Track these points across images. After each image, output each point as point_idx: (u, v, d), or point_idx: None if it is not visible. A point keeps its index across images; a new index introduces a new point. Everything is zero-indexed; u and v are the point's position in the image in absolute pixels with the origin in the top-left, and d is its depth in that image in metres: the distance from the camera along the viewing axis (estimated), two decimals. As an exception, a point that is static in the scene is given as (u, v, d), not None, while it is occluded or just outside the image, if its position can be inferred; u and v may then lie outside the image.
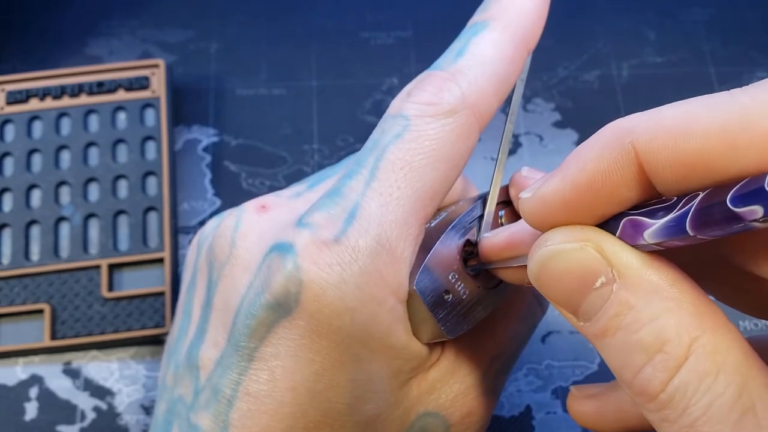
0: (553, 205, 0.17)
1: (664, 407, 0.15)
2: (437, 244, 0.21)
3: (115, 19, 0.41)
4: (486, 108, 0.22)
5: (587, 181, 0.16)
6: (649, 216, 0.15)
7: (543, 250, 0.17)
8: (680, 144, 0.14)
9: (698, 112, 0.14)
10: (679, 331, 0.15)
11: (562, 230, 0.17)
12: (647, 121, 0.15)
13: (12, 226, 0.34)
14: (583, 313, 0.16)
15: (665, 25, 0.42)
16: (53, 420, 0.31)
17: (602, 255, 0.16)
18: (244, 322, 0.21)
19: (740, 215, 0.13)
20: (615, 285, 0.16)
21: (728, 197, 0.13)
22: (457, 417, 0.23)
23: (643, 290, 0.15)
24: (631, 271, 0.16)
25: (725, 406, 0.14)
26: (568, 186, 0.16)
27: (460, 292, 0.21)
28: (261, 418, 0.21)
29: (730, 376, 0.14)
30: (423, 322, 0.21)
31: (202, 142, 0.38)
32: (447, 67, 0.22)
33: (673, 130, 0.14)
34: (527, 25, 0.23)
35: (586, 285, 0.16)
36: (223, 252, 0.23)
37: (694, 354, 0.15)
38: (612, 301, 0.16)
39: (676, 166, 0.14)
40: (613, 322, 0.16)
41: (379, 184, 0.21)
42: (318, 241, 0.20)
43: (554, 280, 0.17)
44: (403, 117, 0.21)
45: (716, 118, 0.13)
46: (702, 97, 0.14)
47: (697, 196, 0.14)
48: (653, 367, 0.15)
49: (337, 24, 0.41)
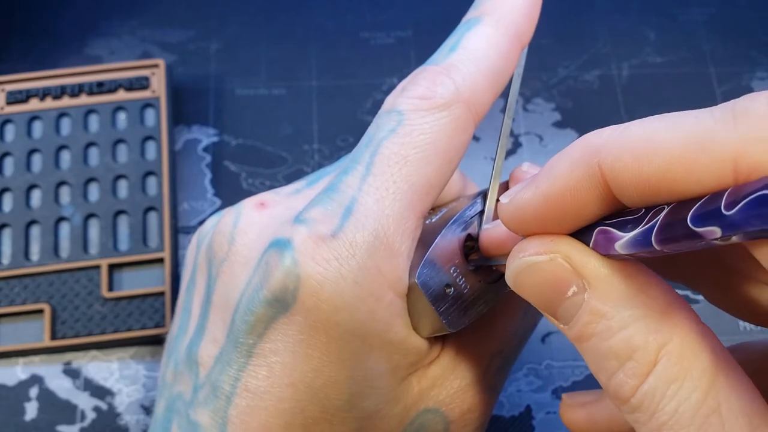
0: (526, 214, 0.17)
1: (636, 410, 0.16)
2: (438, 238, 0.21)
3: (115, 19, 0.41)
4: (480, 102, 0.22)
5: (557, 195, 0.16)
6: (619, 228, 0.15)
7: (516, 262, 0.17)
8: (643, 167, 0.14)
9: (661, 134, 0.14)
10: (647, 339, 0.15)
11: (533, 242, 0.17)
12: (613, 142, 0.15)
13: (12, 226, 0.34)
14: (561, 318, 0.17)
15: (665, 25, 0.42)
16: (53, 420, 0.31)
17: (571, 265, 0.16)
18: (243, 318, 0.21)
19: (700, 234, 0.13)
20: (586, 294, 0.16)
21: (689, 216, 0.13)
22: (456, 413, 0.23)
23: (612, 299, 0.16)
24: (599, 282, 0.16)
25: (691, 409, 0.15)
26: (540, 199, 0.17)
27: (461, 286, 0.21)
28: (260, 414, 0.21)
29: (696, 381, 0.15)
30: (424, 316, 0.21)
31: (202, 142, 0.38)
32: (441, 62, 0.22)
33: (636, 153, 0.14)
34: (520, 20, 0.23)
35: (559, 294, 0.17)
36: (222, 249, 0.23)
37: (662, 361, 0.15)
38: (584, 310, 0.16)
39: (640, 187, 0.14)
40: (587, 330, 0.16)
41: (374, 179, 0.21)
42: (315, 236, 0.20)
43: (530, 288, 0.17)
44: (398, 112, 0.21)
45: (677, 141, 0.14)
46: (669, 117, 0.14)
47: (662, 210, 0.14)
48: (624, 373, 0.16)
49: (337, 24, 0.41)
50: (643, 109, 0.39)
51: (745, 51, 0.41)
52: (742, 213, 0.12)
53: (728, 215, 0.12)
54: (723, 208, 0.12)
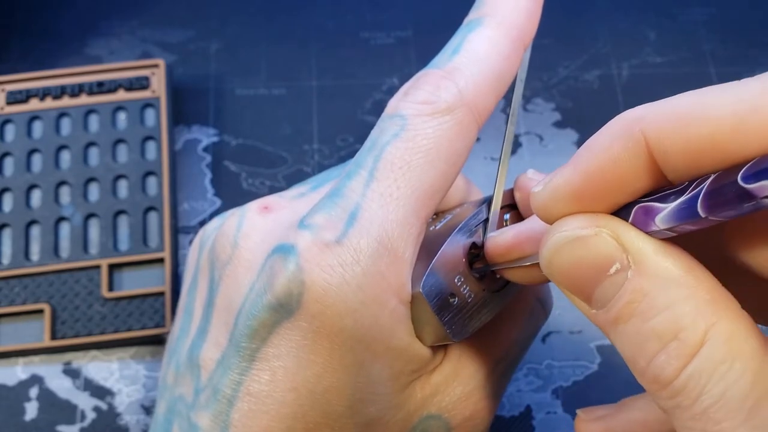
0: (564, 195, 0.16)
1: (677, 394, 0.15)
2: (443, 246, 0.21)
3: (115, 19, 0.41)
4: (483, 105, 0.22)
5: (598, 170, 0.16)
6: (660, 201, 0.15)
7: (557, 236, 0.17)
8: (690, 129, 0.14)
9: (708, 99, 0.14)
10: (695, 318, 0.15)
11: (576, 217, 0.16)
12: (657, 110, 0.15)
13: (12, 226, 0.34)
14: (596, 301, 0.16)
15: (665, 25, 0.42)
16: (53, 420, 0.31)
17: (618, 241, 0.16)
18: (246, 322, 0.21)
19: (752, 192, 0.13)
20: (629, 272, 0.16)
21: (739, 175, 0.13)
22: (458, 420, 0.23)
23: (658, 277, 0.15)
24: (646, 258, 0.15)
25: (739, 394, 0.14)
26: (579, 176, 0.16)
27: (465, 295, 0.21)
28: (262, 418, 0.21)
29: (745, 364, 0.14)
30: (428, 325, 0.21)
31: (202, 142, 0.38)
32: (443, 65, 0.22)
33: (683, 117, 0.14)
34: (522, 20, 0.23)
35: (601, 272, 0.16)
36: (225, 252, 0.23)
37: (709, 341, 0.14)
38: (626, 288, 0.16)
39: (687, 152, 0.14)
40: (626, 309, 0.16)
41: (378, 185, 0.21)
42: (320, 242, 0.20)
43: (568, 266, 0.17)
44: (401, 116, 0.21)
45: (726, 103, 0.14)
46: (713, 87, 0.14)
47: (708, 179, 0.14)
48: (667, 354, 0.15)
49: (337, 24, 0.41)
50: (643, 109, 0.39)
51: (745, 51, 0.41)
52: None
53: None
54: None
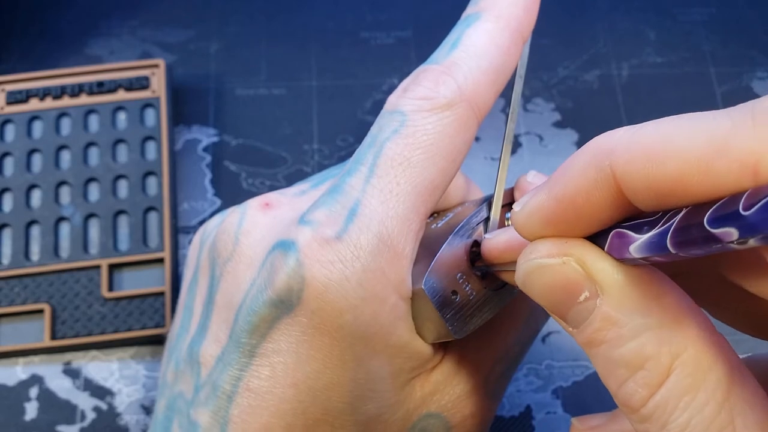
0: (539, 220, 0.17)
1: (645, 421, 0.15)
2: (445, 244, 0.21)
3: (115, 19, 0.41)
4: (483, 100, 0.22)
5: (570, 199, 0.16)
6: (635, 230, 0.15)
7: (526, 264, 0.17)
8: (657, 169, 0.13)
9: (676, 136, 0.13)
10: (660, 349, 0.15)
11: (546, 243, 0.17)
12: (625, 143, 0.14)
13: (12, 226, 0.34)
14: (570, 322, 0.16)
15: (665, 25, 0.42)
16: (53, 420, 0.31)
17: (584, 270, 0.16)
18: (246, 318, 0.21)
19: (717, 236, 0.13)
20: (598, 300, 0.16)
21: (705, 218, 0.13)
22: (458, 418, 0.23)
23: (625, 306, 0.15)
24: (613, 288, 0.15)
25: (703, 423, 0.14)
26: (553, 203, 0.16)
27: (467, 293, 0.21)
28: (261, 414, 0.21)
29: (710, 394, 0.14)
30: (429, 322, 0.21)
31: (202, 142, 0.38)
32: (442, 61, 0.22)
33: (650, 154, 0.14)
34: (520, 13, 0.23)
35: (571, 298, 0.16)
36: (226, 249, 0.23)
37: (675, 372, 0.15)
38: (595, 316, 0.16)
39: (654, 190, 0.14)
40: (597, 336, 0.16)
41: (378, 181, 0.21)
42: (320, 238, 0.20)
43: (540, 290, 0.17)
44: (400, 113, 0.21)
45: (693, 143, 0.13)
46: (684, 117, 0.14)
47: (679, 213, 0.14)
48: (635, 383, 0.15)
49: (337, 24, 0.41)
50: (643, 109, 0.39)
51: (745, 51, 0.41)
52: (761, 214, 0.12)
53: (746, 216, 0.12)
54: (741, 209, 0.12)
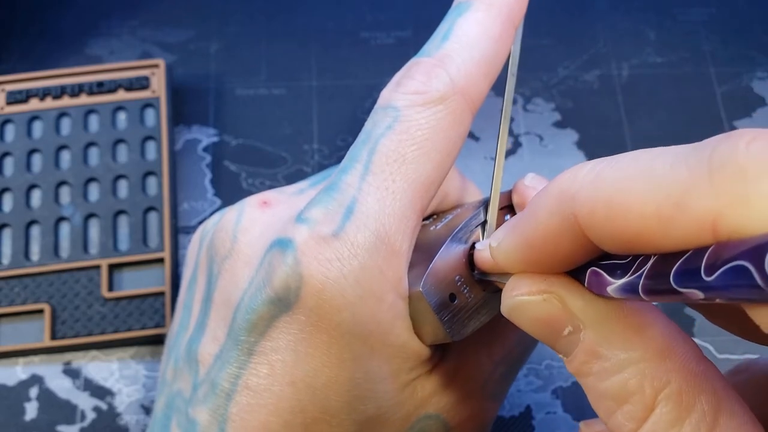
0: (515, 259, 0.17)
1: None
2: (443, 247, 0.21)
3: (115, 19, 0.41)
4: (476, 91, 0.22)
5: (540, 243, 0.16)
6: (609, 271, 0.15)
7: (509, 301, 0.17)
8: (618, 222, 0.13)
9: (635, 187, 0.13)
10: (643, 384, 0.15)
11: (526, 280, 0.17)
12: (588, 190, 0.14)
13: (12, 226, 0.34)
14: (560, 352, 0.17)
15: (665, 25, 0.42)
16: (53, 420, 0.31)
17: (564, 307, 0.16)
18: (245, 316, 0.21)
19: (685, 294, 0.13)
20: (582, 334, 0.16)
21: (672, 274, 0.13)
22: (457, 420, 0.23)
23: (608, 341, 0.15)
24: (594, 323, 0.16)
25: None
26: (524, 245, 0.16)
27: (465, 296, 0.21)
28: (260, 412, 0.21)
29: (695, 425, 0.14)
30: (427, 324, 0.21)
31: (202, 142, 0.38)
32: (434, 52, 0.22)
33: (610, 206, 0.14)
34: (510, 0, 0.23)
35: (555, 332, 0.16)
36: (224, 246, 0.23)
37: (659, 405, 0.15)
38: (580, 349, 0.16)
39: (617, 240, 0.14)
40: (583, 368, 0.16)
41: (374, 178, 0.21)
42: (317, 236, 0.20)
43: (526, 324, 0.17)
44: (393, 108, 0.21)
45: (652, 196, 0.13)
46: (642, 160, 0.13)
47: (649, 260, 0.14)
48: (622, 416, 0.15)
49: (337, 24, 0.41)
50: (643, 109, 0.39)
51: (745, 51, 0.41)
52: (721, 281, 0.11)
53: (708, 281, 0.12)
54: (703, 272, 0.12)
